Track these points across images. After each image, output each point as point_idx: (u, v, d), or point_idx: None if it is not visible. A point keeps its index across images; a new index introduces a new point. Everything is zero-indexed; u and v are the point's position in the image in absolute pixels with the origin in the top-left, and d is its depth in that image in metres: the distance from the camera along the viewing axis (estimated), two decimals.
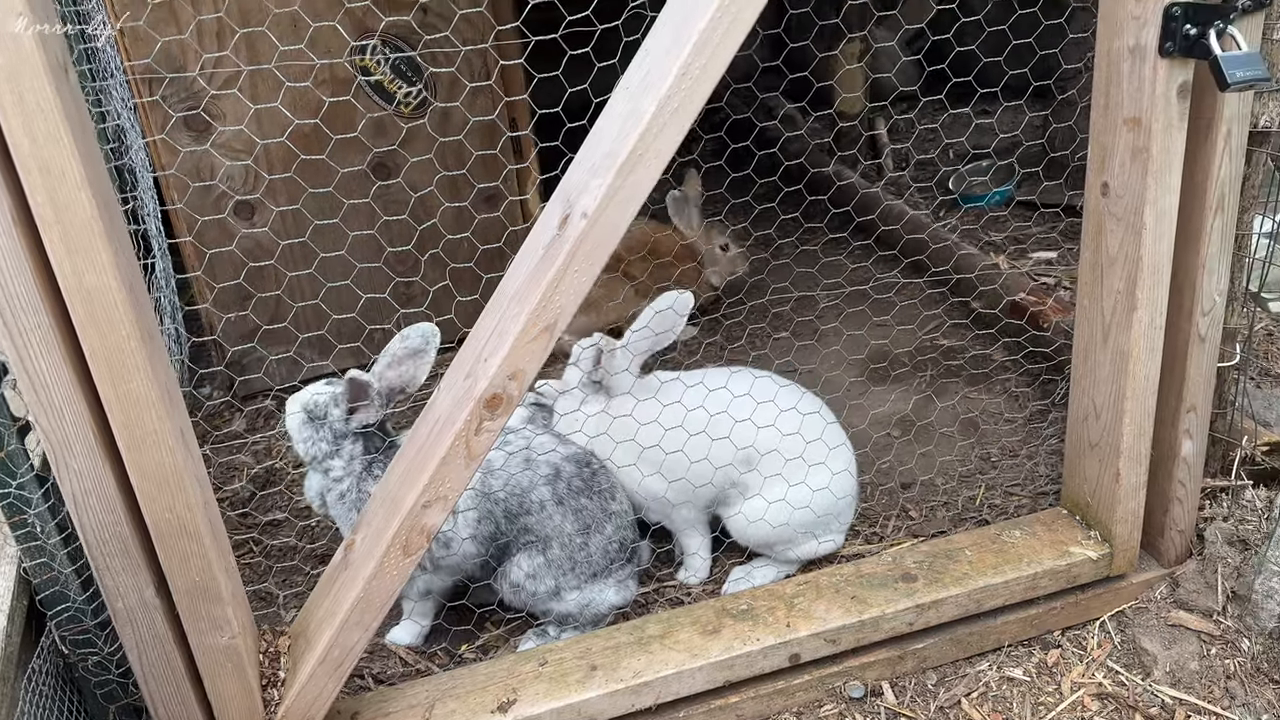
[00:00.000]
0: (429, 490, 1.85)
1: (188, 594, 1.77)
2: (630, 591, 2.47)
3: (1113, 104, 2.01)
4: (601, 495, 2.40)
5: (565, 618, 2.41)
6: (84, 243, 1.46)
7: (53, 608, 1.82)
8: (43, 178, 1.42)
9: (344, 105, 3.33)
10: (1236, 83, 1.79)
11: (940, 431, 3.12)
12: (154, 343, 1.63)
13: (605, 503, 2.40)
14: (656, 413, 2.47)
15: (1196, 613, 2.32)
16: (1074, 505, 2.44)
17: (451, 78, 3.44)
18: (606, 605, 2.41)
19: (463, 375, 1.86)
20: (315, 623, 2.01)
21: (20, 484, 1.69)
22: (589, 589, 2.40)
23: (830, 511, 2.52)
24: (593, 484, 2.40)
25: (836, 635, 2.21)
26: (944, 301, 3.89)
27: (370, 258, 3.45)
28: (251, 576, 2.69)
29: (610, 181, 1.69)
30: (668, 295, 2.57)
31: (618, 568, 2.43)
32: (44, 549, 1.75)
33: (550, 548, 2.36)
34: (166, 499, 1.67)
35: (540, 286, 1.75)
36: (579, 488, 2.37)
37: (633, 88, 1.72)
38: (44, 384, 1.54)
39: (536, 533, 2.34)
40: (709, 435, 2.43)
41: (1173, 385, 2.24)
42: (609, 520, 2.40)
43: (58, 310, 1.52)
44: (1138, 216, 2.01)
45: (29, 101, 1.38)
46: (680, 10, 1.69)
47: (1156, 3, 1.84)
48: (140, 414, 1.60)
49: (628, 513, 2.48)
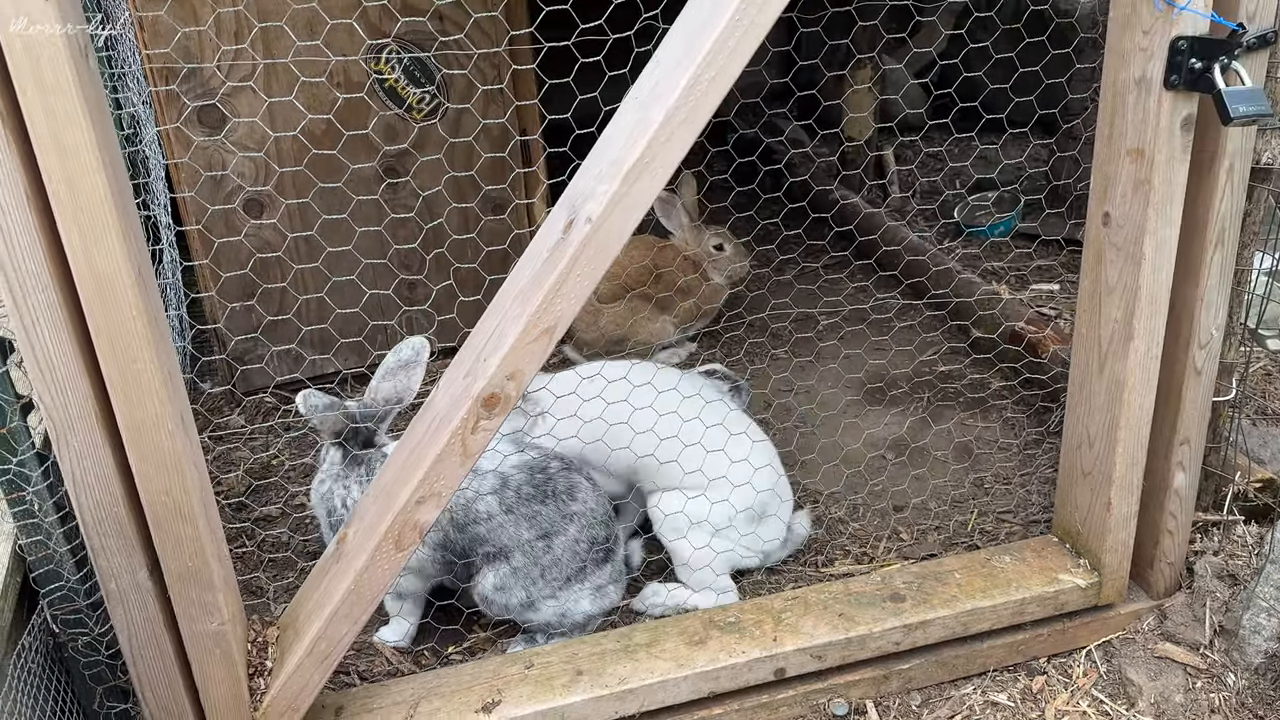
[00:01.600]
0: (423, 486, 1.87)
1: (180, 578, 1.78)
2: (609, 599, 2.47)
3: (1116, 134, 2.03)
4: (558, 498, 2.39)
5: (547, 626, 2.42)
6: (96, 224, 1.48)
7: (46, 586, 1.83)
8: (59, 158, 1.44)
9: (357, 104, 3.35)
10: (1239, 117, 1.81)
11: (935, 455, 3.13)
12: (159, 327, 1.65)
13: (563, 505, 2.39)
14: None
15: (1183, 645, 2.33)
16: (1065, 533, 2.45)
17: (464, 82, 3.46)
18: (582, 614, 2.41)
19: (462, 374, 1.88)
20: (304, 614, 2.02)
21: (20, 461, 1.71)
22: (564, 596, 2.40)
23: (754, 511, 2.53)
24: (546, 488, 2.39)
25: (823, 651, 2.21)
26: (943, 326, 3.91)
27: (376, 255, 3.47)
28: (243, 569, 2.70)
29: (616, 188, 1.71)
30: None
31: (594, 570, 2.43)
32: (40, 527, 1.77)
33: (513, 557, 2.36)
34: (164, 482, 1.69)
35: (542, 289, 1.76)
36: (529, 495, 2.37)
37: (642, 97, 1.74)
38: (50, 362, 1.56)
39: (494, 543, 2.35)
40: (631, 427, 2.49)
41: (1167, 417, 2.26)
42: (570, 522, 2.39)
43: (67, 289, 1.53)
44: (1138, 247, 2.03)
45: (48, 81, 1.40)
46: (693, 23, 1.71)
47: (1163, 36, 1.87)
48: (143, 396, 1.61)
49: (594, 510, 2.44)
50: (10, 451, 1.70)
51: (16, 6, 1.37)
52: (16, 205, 1.45)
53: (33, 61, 1.39)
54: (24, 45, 1.38)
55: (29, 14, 1.37)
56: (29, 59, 1.39)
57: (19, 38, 1.38)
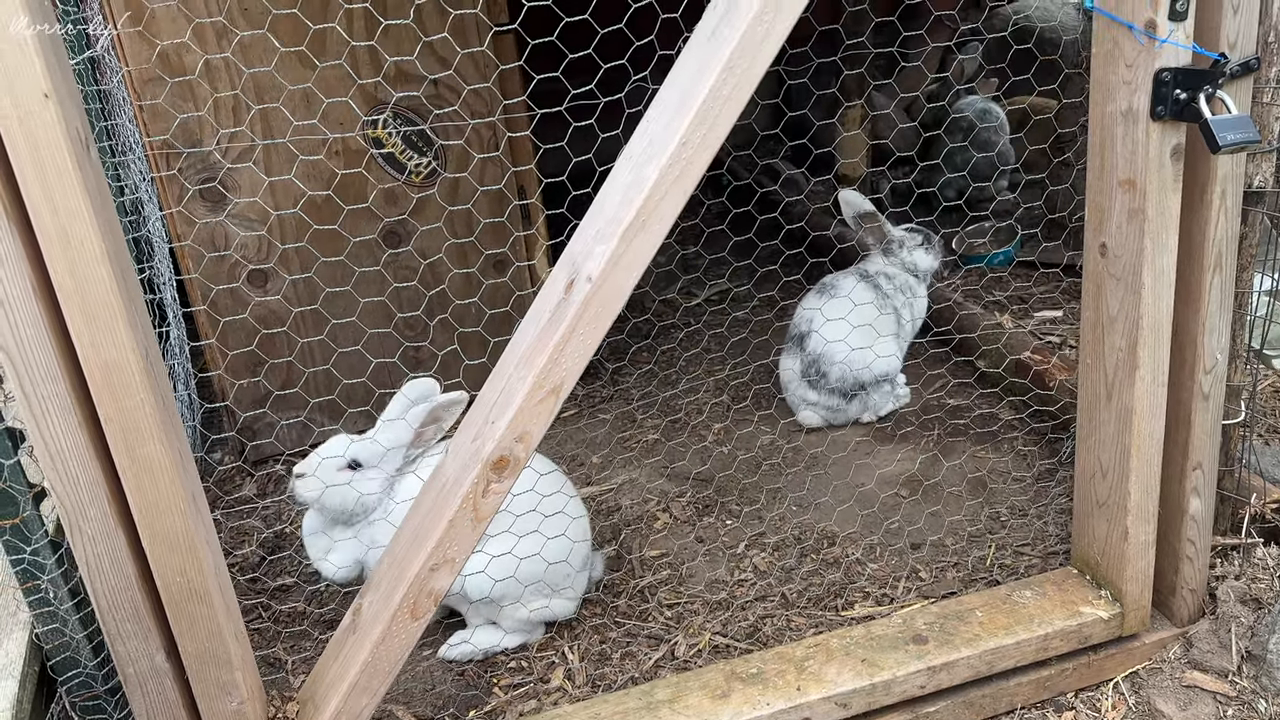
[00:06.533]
0: (436, 553, 1.87)
1: (197, 658, 1.77)
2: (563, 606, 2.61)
3: (1108, 166, 2.05)
4: None
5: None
6: (103, 314, 1.50)
7: (64, 673, 1.83)
8: (63, 249, 1.46)
9: (355, 176, 3.40)
10: (1228, 145, 1.83)
11: (948, 490, 3.11)
12: (168, 410, 1.66)
13: None
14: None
15: (1211, 673, 2.30)
16: (1084, 564, 2.43)
17: (460, 149, 3.51)
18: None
19: (470, 438, 1.88)
20: (323, 688, 2.01)
21: (35, 550, 1.72)
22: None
23: (557, 570, 2.54)
24: None
25: (847, 699, 2.19)
26: (948, 361, 3.91)
27: (380, 323, 3.50)
28: (260, 642, 2.69)
29: (614, 247, 1.73)
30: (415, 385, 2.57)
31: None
32: (56, 614, 1.77)
33: None
34: (178, 563, 1.69)
35: (547, 349, 1.78)
36: None
37: (636, 156, 1.77)
38: (60, 451, 1.57)
39: None
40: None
41: (1178, 443, 2.25)
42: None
43: (75, 378, 1.55)
44: (1136, 276, 2.04)
45: (50, 174, 1.43)
46: (681, 83, 1.74)
47: (1146, 69, 1.89)
48: (154, 480, 1.62)
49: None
50: (24, 540, 1.71)
51: (16, 104, 1.40)
52: (23, 298, 1.47)
53: (34, 155, 1.42)
54: (26, 140, 1.41)
55: (29, 111, 1.40)
56: (31, 153, 1.42)
57: (20, 131, 1.41)
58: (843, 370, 3.41)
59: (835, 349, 3.39)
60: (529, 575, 2.47)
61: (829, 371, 3.44)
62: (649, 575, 2.85)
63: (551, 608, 2.59)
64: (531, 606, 2.54)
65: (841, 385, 3.45)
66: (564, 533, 2.52)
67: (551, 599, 2.58)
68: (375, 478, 2.47)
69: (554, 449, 3.56)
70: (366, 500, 2.46)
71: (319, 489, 2.41)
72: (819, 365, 3.46)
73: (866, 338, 3.34)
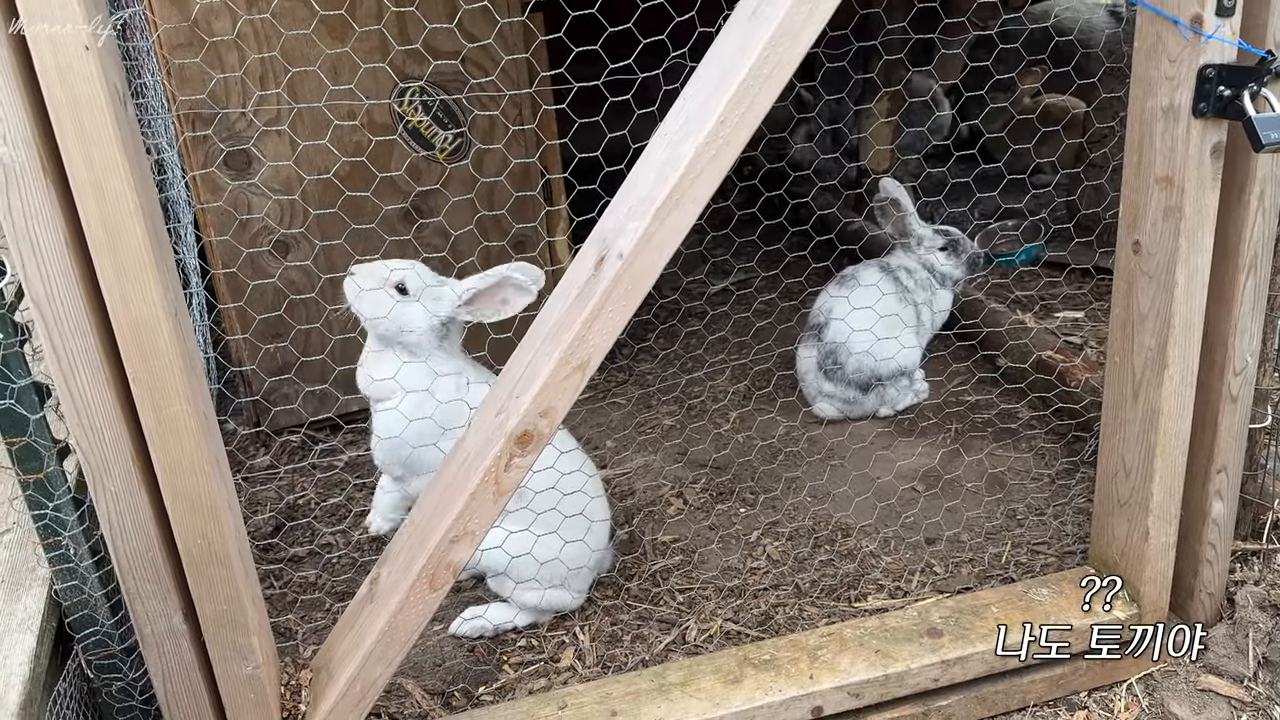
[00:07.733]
0: (457, 525, 1.86)
1: (215, 621, 1.78)
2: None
3: (1145, 163, 2.02)
4: None
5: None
6: (135, 269, 1.50)
7: (81, 631, 1.83)
8: (98, 203, 1.46)
9: (383, 146, 3.39)
10: (1271, 143, 1.80)
11: (966, 487, 3.10)
12: (195, 371, 1.66)
13: None
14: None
15: (1226, 678, 2.28)
16: (1102, 563, 2.41)
17: (489, 122, 3.50)
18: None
19: (494, 412, 1.88)
20: (338, 657, 2.01)
21: (57, 506, 1.72)
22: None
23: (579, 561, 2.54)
24: None
25: (860, 689, 2.18)
26: (971, 356, 3.89)
27: None
28: (272, 610, 2.69)
29: (647, 225, 1.72)
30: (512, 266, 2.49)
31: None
32: (76, 571, 1.77)
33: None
34: (199, 524, 1.69)
35: (574, 325, 1.77)
36: None
37: (671, 134, 1.75)
38: (86, 407, 1.57)
39: None
40: None
41: (1203, 445, 2.23)
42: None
43: (104, 335, 1.55)
44: (1169, 274, 2.01)
45: (89, 128, 1.42)
46: (721, 61, 1.73)
47: (1190, 64, 1.87)
48: (179, 440, 1.62)
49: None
50: (47, 496, 1.71)
51: (56, 56, 1.39)
52: (56, 252, 1.47)
53: (73, 108, 1.42)
54: (66, 93, 1.41)
55: (69, 64, 1.40)
56: (70, 107, 1.41)
57: (60, 84, 1.40)
58: (860, 361, 3.40)
59: (853, 340, 3.38)
60: (546, 554, 2.47)
61: (846, 362, 3.42)
62: (662, 560, 2.85)
63: (560, 597, 2.59)
64: (546, 584, 2.54)
65: (858, 377, 3.43)
66: (582, 511, 2.51)
67: (563, 587, 2.58)
68: (418, 313, 2.45)
69: (569, 432, 3.55)
70: (405, 324, 2.45)
71: (355, 292, 2.43)
72: (836, 355, 3.44)
73: (885, 330, 3.32)
